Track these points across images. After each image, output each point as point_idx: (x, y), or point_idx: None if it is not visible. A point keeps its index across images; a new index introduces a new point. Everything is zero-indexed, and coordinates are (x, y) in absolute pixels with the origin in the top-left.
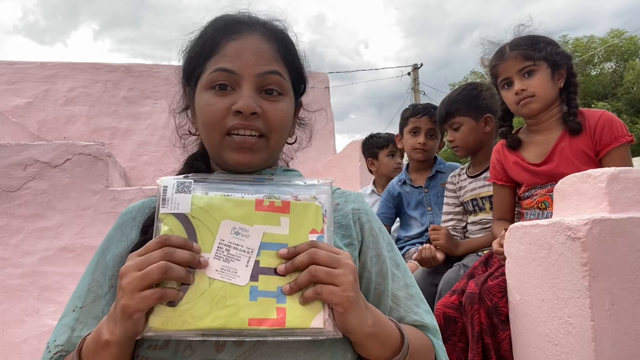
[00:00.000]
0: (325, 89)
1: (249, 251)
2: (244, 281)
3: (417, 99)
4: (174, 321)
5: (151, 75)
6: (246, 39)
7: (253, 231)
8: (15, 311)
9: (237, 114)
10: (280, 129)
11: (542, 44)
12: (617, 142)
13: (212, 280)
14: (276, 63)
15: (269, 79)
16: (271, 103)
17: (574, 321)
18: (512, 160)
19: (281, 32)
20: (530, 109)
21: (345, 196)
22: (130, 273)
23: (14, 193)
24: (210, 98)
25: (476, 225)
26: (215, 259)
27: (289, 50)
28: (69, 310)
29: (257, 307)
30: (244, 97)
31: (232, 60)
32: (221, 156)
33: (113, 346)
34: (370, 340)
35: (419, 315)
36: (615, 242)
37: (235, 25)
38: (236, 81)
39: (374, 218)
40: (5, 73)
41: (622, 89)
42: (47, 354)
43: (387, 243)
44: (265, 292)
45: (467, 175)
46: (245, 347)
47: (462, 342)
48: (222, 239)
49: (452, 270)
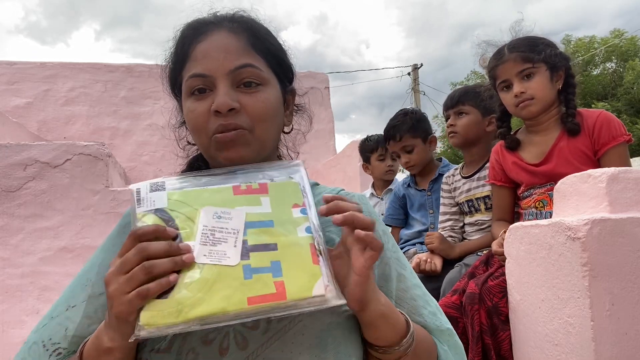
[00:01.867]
0: (326, 89)
1: (235, 232)
2: (235, 261)
3: (417, 99)
4: (168, 313)
5: (151, 75)
6: (212, 38)
7: (235, 213)
8: (15, 311)
9: (216, 114)
10: (264, 119)
11: (541, 45)
12: (615, 142)
13: (202, 266)
14: (247, 55)
15: (242, 73)
16: (250, 95)
17: (574, 321)
18: (510, 161)
19: (249, 23)
20: (530, 112)
21: (350, 197)
22: (115, 279)
23: (14, 193)
24: (191, 104)
25: (472, 226)
26: (201, 244)
27: (262, 39)
28: (63, 308)
29: (254, 285)
30: (218, 95)
31: (202, 63)
32: (213, 158)
33: (116, 352)
34: (382, 320)
35: (423, 317)
36: (615, 242)
37: (201, 27)
38: (211, 82)
39: (378, 220)
40: (5, 73)
41: (622, 89)
42: (45, 352)
43: (392, 244)
44: (260, 269)
45: (461, 175)
46: (249, 350)
47: (463, 340)
48: (205, 225)
49: (454, 271)
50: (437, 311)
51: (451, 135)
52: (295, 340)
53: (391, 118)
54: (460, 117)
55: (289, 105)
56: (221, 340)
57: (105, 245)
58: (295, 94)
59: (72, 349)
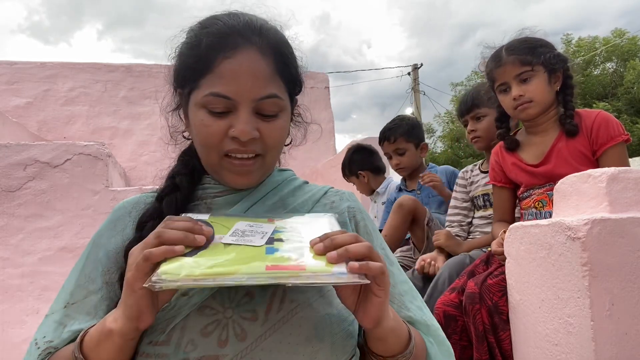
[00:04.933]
0: (325, 89)
1: (264, 233)
2: (260, 243)
3: (417, 99)
4: (187, 266)
5: (151, 75)
6: (242, 57)
7: (266, 226)
8: (15, 311)
9: (234, 139)
10: (277, 146)
11: (539, 48)
12: (613, 141)
13: (227, 245)
14: (273, 84)
15: (266, 103)
16: (268, 123)
17: (574, 321)
18: (510, 162)
19: (278, 41)
20: (528, 114)
21: (339, 195)
22: (136, 251)
23: (14, 193)
24: (206, 118)
25: (483, 220)
26: (230, 236)
27: (287, 63)
28: (59, 306)
29: (275, 258)
30: (240, 122)
31: (228, 85)
32: (219, 175)
33: (115, 335)
34: (392, 334)
35: (411, 311)
36: (615, 242)
37: (229, 39)
38: (233, 105)
39: (367, 217)
40: (5, 73)
41: (622, 89)
42: (35, 350)
43: (380, 242)
44: (283, 250)
45: (480, 170)
46: (248, 342)
47: (464, 340)
48: (237, 228)
49: (456, 257)
50: (423, 306)
51: (475, 141)
52: (293, 332)
53: (388, 122)
54: (479, 121)
55: (292, 118)
56: (220, 332)
57: (95, 240)
58: (296, 104)
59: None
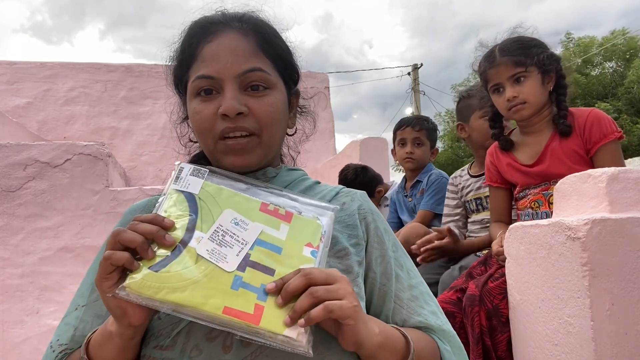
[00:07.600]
0: (325, 89)
1: (244, 242)
2: (231, 268)
3: (417, 99)
4: (150, 286)
5: (151, 75)
6: (221, 39)
7: (252, 226)
8: (15, 311)
9: (224, 117)
10: (271, 123)
11: (533, 48)
12: (606, 139)
13: (199, 258)
14: (256, 58)
15: (250, 76)
16: (257, 99)
17: (574, 321)
18: (505, 162)
19: (259, 24)
20: (522, 115)
21: (351, 195)
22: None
23: (14, 193)
24: (197, 105)
25: (476, 224)
26: (209, 240)
27: (270, 42)
28: (72, 309)
29: (237, 298)
30: (226, 99)
31: (210, 65)
32: (218, 160)
33: (115, 337)
34: (381, 350)
35: (423, 316)
36: (615, 242)
37: (210, 27)
38: (219, 84)
39: (379, 217)
40: (5, 73)
41: (622, 89)
42: (51, 353)
43: (392, 243)
44: (248, 285)
45: (470, 174)
46: (252, 349)
47: (462, 337)
48: (220, 224)
49: (447, 273)
50: (438, 310)
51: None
52: None
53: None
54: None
55: (293, 107)
56: (225, 337)
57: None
58: (299, 95)
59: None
